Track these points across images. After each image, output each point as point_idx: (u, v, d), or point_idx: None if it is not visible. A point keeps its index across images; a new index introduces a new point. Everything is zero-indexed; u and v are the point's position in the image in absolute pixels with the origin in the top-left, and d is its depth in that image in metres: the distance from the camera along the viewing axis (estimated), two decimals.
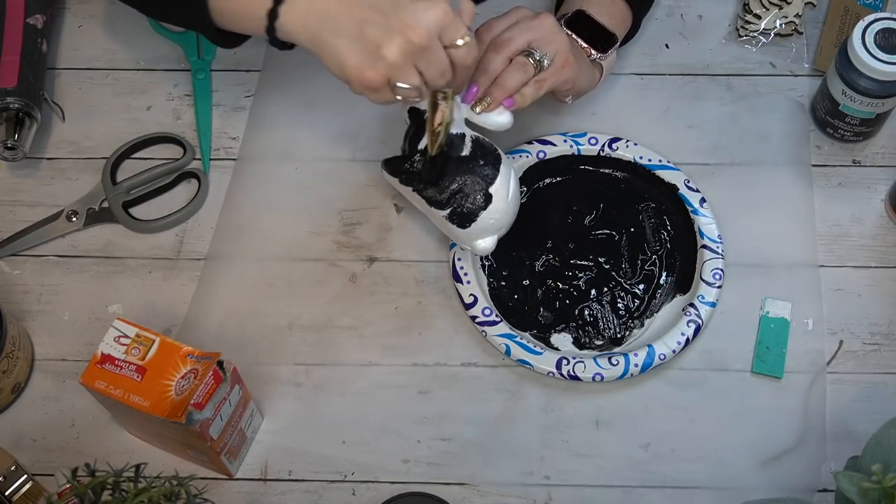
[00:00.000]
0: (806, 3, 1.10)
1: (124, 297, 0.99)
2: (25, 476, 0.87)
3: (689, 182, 1.00)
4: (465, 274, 0.96)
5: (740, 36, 1.10)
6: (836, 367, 0.95)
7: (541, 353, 0.93)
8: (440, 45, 0.78)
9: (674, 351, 0.93)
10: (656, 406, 0.94)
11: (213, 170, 1.04)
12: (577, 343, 0.95)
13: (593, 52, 0.97)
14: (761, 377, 0.94)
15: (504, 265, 0.98)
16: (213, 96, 1.08)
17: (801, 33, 1.10)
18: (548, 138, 1.02)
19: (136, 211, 1.03)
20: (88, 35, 1.12)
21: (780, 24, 1.09)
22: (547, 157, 1.02)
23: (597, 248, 0.97)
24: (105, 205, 1.02)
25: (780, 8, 1.09)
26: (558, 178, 1.02)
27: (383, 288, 0.99)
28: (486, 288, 0.97)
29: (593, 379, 0.92)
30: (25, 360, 0.94)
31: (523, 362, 0.93)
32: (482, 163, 0.88)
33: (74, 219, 1.02)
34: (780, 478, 0.90)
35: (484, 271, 0.98)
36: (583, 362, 0.92)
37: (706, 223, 0.98)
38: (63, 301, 0.99)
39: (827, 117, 1.03)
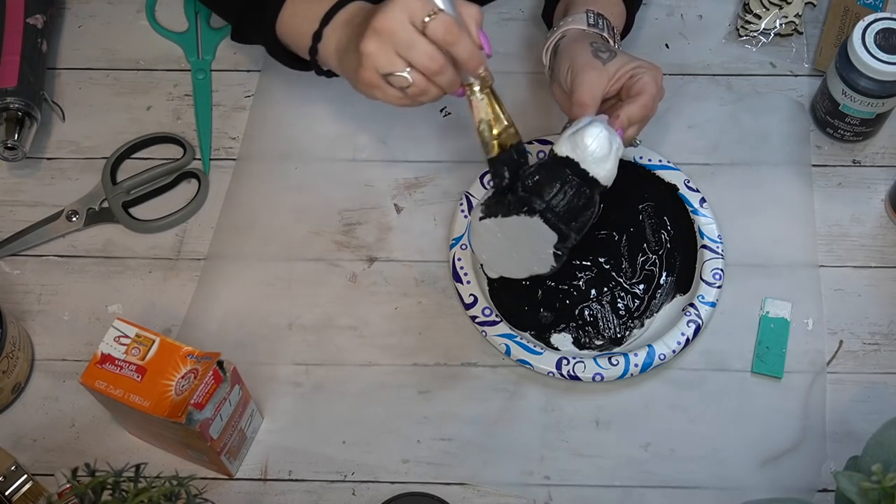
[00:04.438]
0: (806, 3, 1.10)
1: (124, 297, 0.99)
2: (25, 476, 0.87)
3: (689, 182, 1.00)
4: (465, 274, 0.96)
5: (740, 36, 1.10)
6: (836, 367, 0.95)
7: (541, 353, 0.93)
8: (413, 29, 0.80)
9: (674, 351, 0.93)
10: (656, 406, 0.94)
11: (213, 170, 1.04)
12: (577, 343, 0.95)
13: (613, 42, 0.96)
14: (761, 377, 0.94)
15: None
16: (213, 96, 1.08)
17: (801, 33, 1.10)
18: (548, 139, 1.02)
19: (136, 211, 1.03)
20: (88, 35, 1.12)
21: (780, 24, 1.09)
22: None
23: (597, 248, 0.97)
24: (105, 205, 1.02)
25: (780, 8, 1.09)
26: None
27: (383, 288, 0.99)
28: (486, 288, 0.97)
29: (593, 379, 0.92)
30: (25, 360, 0.94)
31: (523, 362, 0.93)
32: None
33: (74, 219, 1.02)
34: (780, 478, 0.90)
35: (484, 271, 0.98)
36: (583, 362, 0.92)
37: (706, 223, 0.98)
38: (63, 301, 0.99)
39: (827, 117, 1.03)
